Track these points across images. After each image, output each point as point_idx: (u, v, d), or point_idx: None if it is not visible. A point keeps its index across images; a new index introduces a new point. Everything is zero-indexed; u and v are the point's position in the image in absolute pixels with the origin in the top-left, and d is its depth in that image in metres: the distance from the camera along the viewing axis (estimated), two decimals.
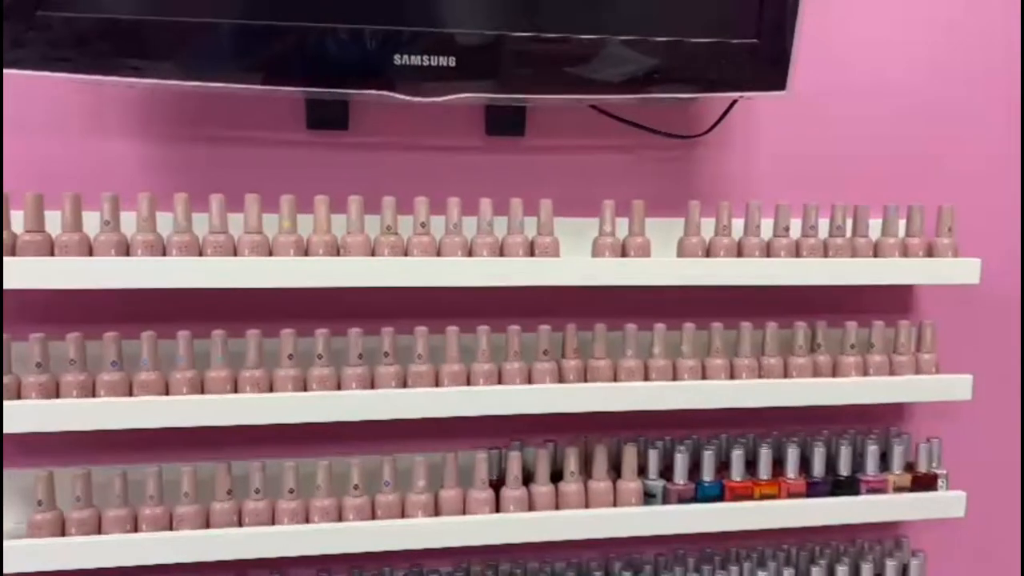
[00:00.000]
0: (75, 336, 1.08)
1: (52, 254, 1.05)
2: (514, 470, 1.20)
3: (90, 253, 1.06)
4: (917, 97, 1.39)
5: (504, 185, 1.24)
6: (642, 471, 1.26)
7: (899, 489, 1.30)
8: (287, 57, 1.07)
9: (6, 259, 1.02)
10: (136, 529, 1.10)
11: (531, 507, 1.20)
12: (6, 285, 1.02)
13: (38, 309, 1.16)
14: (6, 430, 1.04)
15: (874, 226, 1.28)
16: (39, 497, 1.08)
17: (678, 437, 1.31)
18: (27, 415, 1.05)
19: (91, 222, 1.07)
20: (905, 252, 1.27)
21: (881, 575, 1.33)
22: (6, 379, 1.06)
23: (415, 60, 1.08)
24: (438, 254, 1.15)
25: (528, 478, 1.23)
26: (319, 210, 1.12)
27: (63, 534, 1.08)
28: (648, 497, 1.25)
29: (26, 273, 1.03)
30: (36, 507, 1.08)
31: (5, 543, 1.06)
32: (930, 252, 1.28)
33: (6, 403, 1.05)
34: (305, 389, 1.13)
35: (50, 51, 1.00)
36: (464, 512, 1.19)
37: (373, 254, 1.13)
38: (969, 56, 1.40)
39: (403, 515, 1.17)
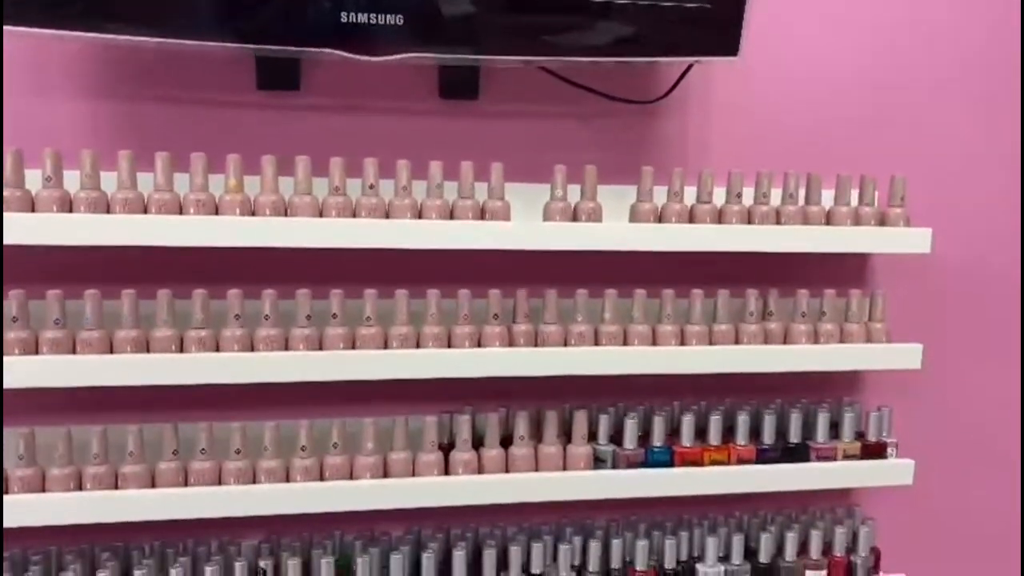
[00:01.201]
0: (18, 293, 1.07)
1: None
2: (463, 433, 1.20)
3: (32, 210, 1.05)
4: (870, 66, 1.39)
5: (457, 149, 1.23)
6: (592, 437, 1.26)
7: (849, 457, 1.31)
8: (234, 13, 1.07)
9: None
10: (80, 488, 1.10)
11: (480, 471, 1.20)
12: None
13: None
14: None
15: (827, 197, 1.29)
16: None
17: (629, 404, 1.31)
18: None
19: (33, 181, 1.06)
20: (857, 221, 1.27)
21: (831, 542, 1.34)
22: None
23: (362, 18, 1.07)
24: (387, 216, 1.14)
25: (478, 443, 1.23)
26: (266, 170, 1.11)
27: (6, 492, 1.08)
28: (598, 462, 1.25)
29: None
30: None
31: None
32: (882, 221, 1.29)
33: None
34: (252, 350, 1.13)
35: None
36: (413, 475, 1.19)
37: (321, 215, 1.13)
38: (922, 24, 1.40)
39: (352, 477, 1.17)
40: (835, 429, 1.33)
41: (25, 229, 1.04)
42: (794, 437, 1.30)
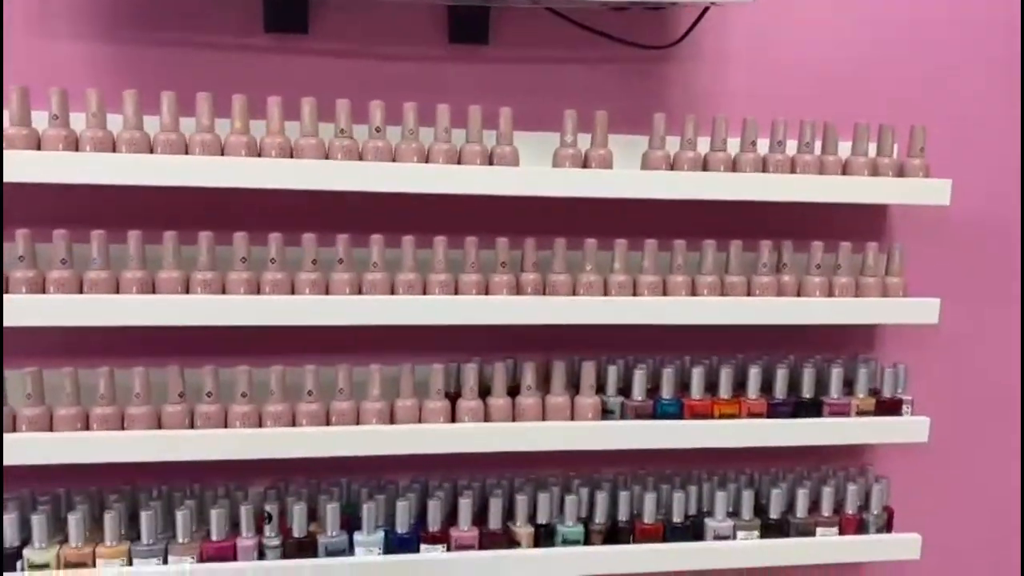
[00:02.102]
0: (24, 233, 1.07)
1: None
2: (470, 382, 1.19)
3: (38, 148, 1.05)
4: (891, 13, 1.35)
5: (465, 94, 1.21)
6: (600, 389, 1.25)
7: (863, 413, 1.29)
8: None
9: None
10: (87, 428, 1.10)
11: (487, 419, 1.20)
12: None
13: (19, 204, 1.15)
14: None
15: (844, 148, 1.26)
16: None
17: (638, 357, 1.29)
18: None
19: (39, 122, 1.06)
20: (875, 171, 1.24)
21: (843, 500, 1.32)
22: None
23: None
24: (393, 160, 1.13)
25: (485, 393, 1.22)
26: (272, 112, 1.10)
27: (13, 430, 1.09)
28: (606, 413, 1.24)
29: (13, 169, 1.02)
30: None
31: None
32: (900, 172, 1.25)
33: None
34: (258, 293, 1.12)
35: None
36: (420, 422, 1.18)
37: (327, 158, 1.11)
38: None
39: (358, 423, 1.17)
40: (849, 386, 1.31)
41: (32, 167, 1.03)
42: (807, 392, 1.28)
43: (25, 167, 1.03)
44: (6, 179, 1.03)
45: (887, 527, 1.33)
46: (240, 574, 1.15)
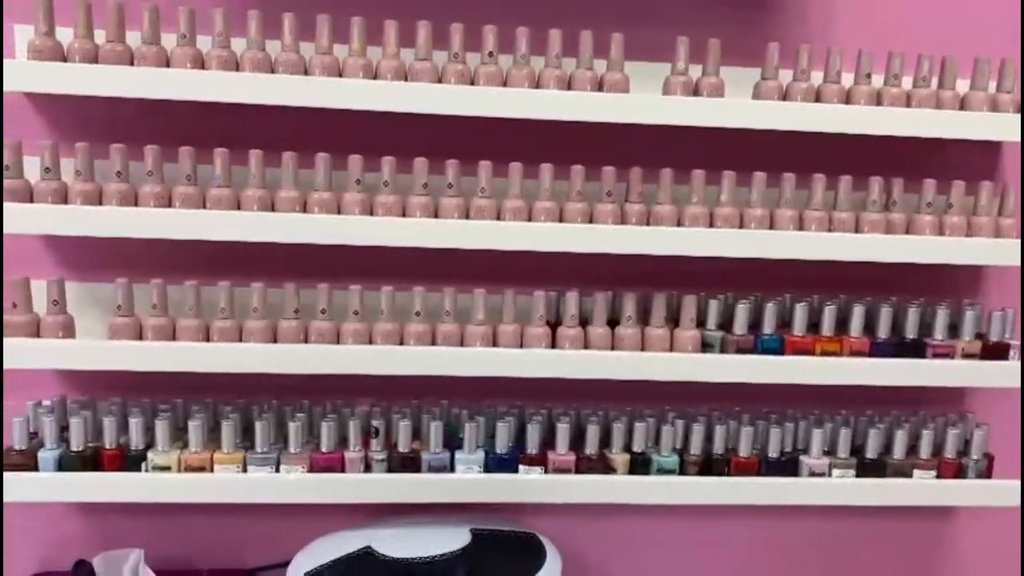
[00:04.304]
0: (152, 149, 1.12)
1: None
2: (571, 309, 1.21)
3: (168, 66, 1.09)
4: None
5: (576, 23, 1.20)
6: (701, 323, 1.26)
7: (968, 356, 1.26)
8: None
9: (90, 67, 1.06)
10: (208, 339, 1.16)
11: (587, 347, 1.21)
12: (93, 91, 1.06)
13: (120, 124, 1.20)
14: (92, 232, 1.10)
15: (962, 85, 1.22)
16: (119, 303, 1.14)
17: (739, 293, 1.29)
18: (108, 220, 1.10)
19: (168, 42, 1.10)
20: (995, 107, 1.21)
21: (941, 444, 1.31)
22: (89, 186, 1.10)
23: None
24: (504, 85, 1.14)
25: (584, 323, 1.23)
26: (388, 35, 1.12)
27: (140, 339, 1.14)
28: (706, 347, 1.24)
29: (108, 83, 1.07)
30: (116, 311, 1.14)
31: (90, 342, 1.14)
32: (1021, 109, 1.21)
33: (93, 208, 1.10)
34: (371, 215, 1.15)
35: None
36: (521, 347, 1.20)
37: (440, 83, 1.13)
38: None
39: (462, 345, 1.19)
40: (953, 331, 1.29)
41: (160, 84, 1.07)
42: (910, 333, 1.26)
43: (154, 84, 1.07)
44: (141, 95, 1.07)
45: (987, 473, 1.31)
46: (347, 484, 1.20)
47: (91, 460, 1.17)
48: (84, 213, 1.10)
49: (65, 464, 1.16)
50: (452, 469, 1.22)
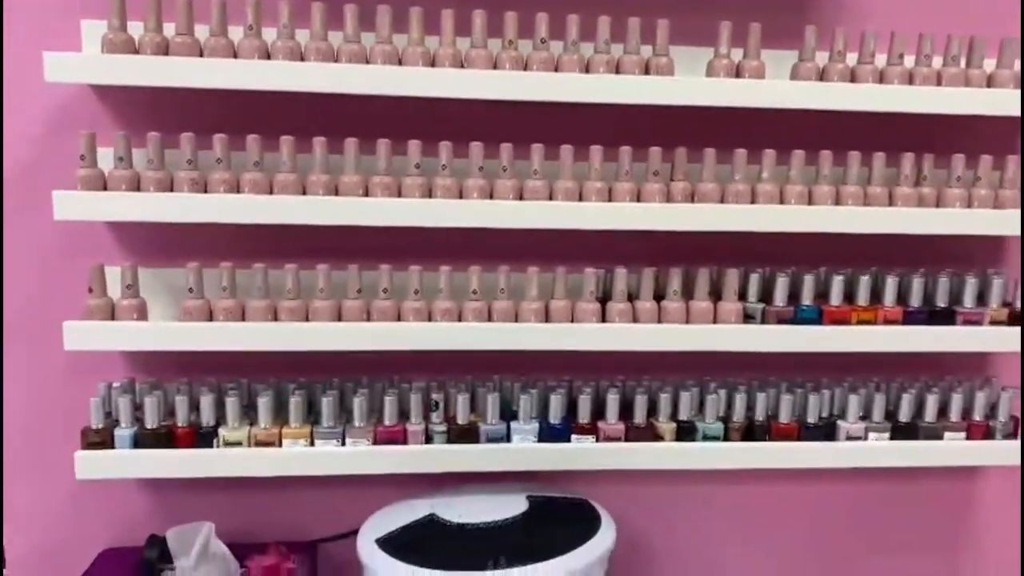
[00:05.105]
0: (221, 137, 1.16)
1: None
2: (620, 285, 1.27)
3: (235, 57, 1.14)
4: None
5: (622, 9, 1.25)
6: (742, 296, 1.31)
7: (995, 323, 1.33)
8: None
9: (157, 59, 1.11)
10: (276, 319, 1.21)
11: (635, 321, 1.27)
12: (163, 83, 1.11)
13: (188, 114, 1.24)
14: (166, 218, 1.15)
15: (989, 65, 1.28)
16: (190, 286, 1.19)
17: (777, 267, 1.35)
18: (181, 206, 1.15)
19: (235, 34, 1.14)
20: (1019, 85, 1.26)
21: (970, 408, 1.37)
22: (160, 174, 1.15)
23: None
24: (556, 71, 1.19)
25: (632, 298, 1.29)
26: (446, 25, 1.17)
27: (211, 319, 1.19)
28: (747, 319, 1.30)
29: (177, 74, 1.11)
30: (188, 295, 1.19)
31: (164, 324, 1.19)
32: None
33: (162, 194, 1.15)
34: (430, 197, 1.20)
35: None
36: (572, 321, 1.26)
37: (495, 68, 1.18)
38: None
39: (516, 320, 1.25)
40: (981, 299, 1.35)
41: (225, 74, 1.12)
42: (941, 302, 1.33)
43: (219, 74, 1.12)
44: (207, 85, 1.12)
45: (1013, 434, 1.38)
46: (409, 455, 1.25)
47: (165, 437, 1.22)
48: (156, 200, 1.14)
49: (140, 442, 1.21)
50: (508, 439, 1.28)
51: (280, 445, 1.24)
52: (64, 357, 1.27)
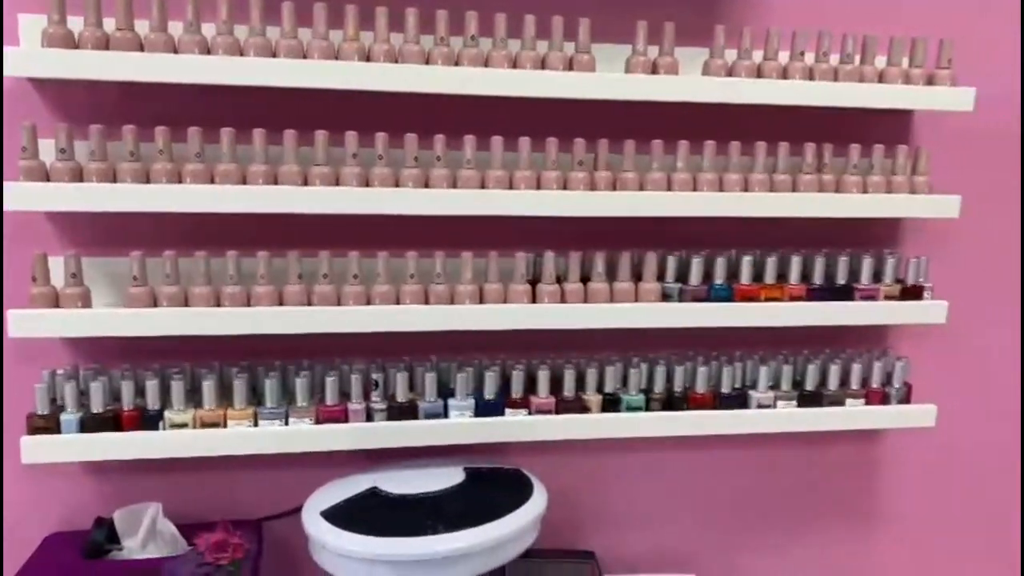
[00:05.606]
0: (163, 129, 1.20)
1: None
2: (548, 268, 1.35)
3: (175, 52, 1.18)
4: None
5: (548, 8, 1.32)
6: (661, 277, 1.41)
7: (889, 298, 1.46)
8: None
9: (98, 53, 1.14)
10: (219, 305, 1.25)
11: (563, 301, 1.35)
12: (103, 76, 1.15)
13: (131, 105, 1.28)
14: (109, 208, 1.18)
15: (880, 62, 1.40)
16: (134, 273, 1.22)
17: (692, 250, 1.45)
18: (124, 196, 1.18)
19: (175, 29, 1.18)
20: (907, 80, 1.39)
21: (868, 377, 1.50)
22: (103, 166, 1.18)
23: None
24: (486, 66, 1.26)
25: (560, 280, 1.37)
26: (379, 22, 1.23)
27: (155, 306, 1.23)
28: (666, 297, 1.40)
29: (119, 68, 1.15)
30: (131, 282, 1.23)
31: (109, 310, 1.23)
32: (930, 81, 1.40)
33: (105, 185, 1.18)
34: (367, 186, 1.26)
35: None
36: (505, 302, 1.34)
37: (427, 64, 1.25)
38: None
39: (452, 303, 1.32)
40: (877, 277, 1.48)
41: (168, 68, 1.16)
42: (841, 279, 1.45)
43: (159, 69, 1.16)
44: (150, 80, 1.16)
45: (906, 399, 1.52)
46: (351, 433, 1.32)
47: (111, 421, 1.26)
48: (100, 190, 1.18)
49: (87, 426, 1.25)
50: (446, 415, 1.35)
51: (225, 426, 1.29)
52: (9, 344, 1.30)
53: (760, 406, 1.46)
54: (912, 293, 1.47)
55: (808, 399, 1.47)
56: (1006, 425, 1.74)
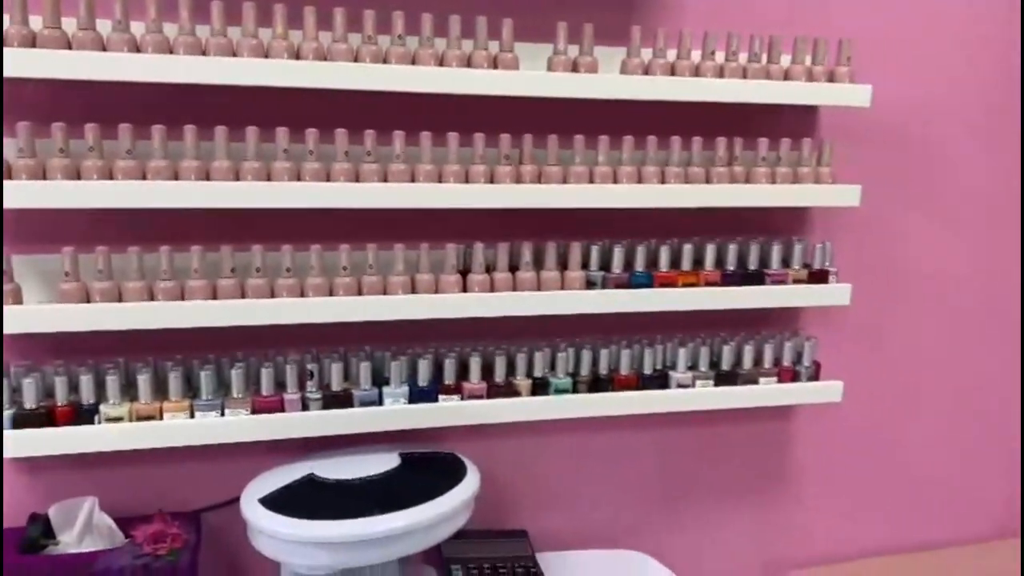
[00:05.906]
0: (92, 126, 1.21)
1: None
2: (478, 258, 1.40)
3: (104, 50, 1.19)
4: None
5: (473, 10, 1.37)
6: (585, 266, 1.48)
7: (797, 281, 1.56)
8: None
9: (24, 51, 1.15)
10: (152, 300, 1.27)
11: (492, 290, 1.41)
12: (30, 74, 1.15)
13: (61, 102, 1.28)
14: (32, 204, 1.19)
15: (786, 60, 1.50)
16: (66, 269, 1.23)
17: (615, 239, 1.52)
18: (51, 195, 1.19)
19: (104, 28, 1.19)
20: (810, 77, 1.49)
21: (780, 357, 1.61)
22: (31, 163, 1.19)
23: None
24: (413, 63, 1.31)
25: (490, 270, 1.43)
26: (308, 20, 1.26)
27: (88, 302, 1.24)
28: (590, 285, 1.47)
29: (44, 66, 1.16)
30: (63, 279, 1.23)
31: (39, 306, 1.23)
32: (831, 78, 1.50)
33: (34, 182, 1.19)
34: (299, 180, 1.30)
35: None
36: (437, 292, 1.39)
37: (356, 62, 1.28)
38: None
39: (385, 294, 1.36)
40: (786, 262, 1.58)
41: (95, 66, 1.17)
42: (752, 265, 1.54)
43: (86, 66, 1.17)
44: (78, 77, 1.17)
45: (815, 376, 1.62)
46: (287, 422, 1.35)
47: (45, 417, 1.26)
48: (28, 188, 1.18)
49: (20, 422, 1.25)
50: (381, 403, 1.40)
51: (161, 418, 1.31)
52: None
53: (680, 386, 1.54)
54: (818, 277, 1.57)
55: (724, 378, 1.57)
56: (904, 397, 1.88)
